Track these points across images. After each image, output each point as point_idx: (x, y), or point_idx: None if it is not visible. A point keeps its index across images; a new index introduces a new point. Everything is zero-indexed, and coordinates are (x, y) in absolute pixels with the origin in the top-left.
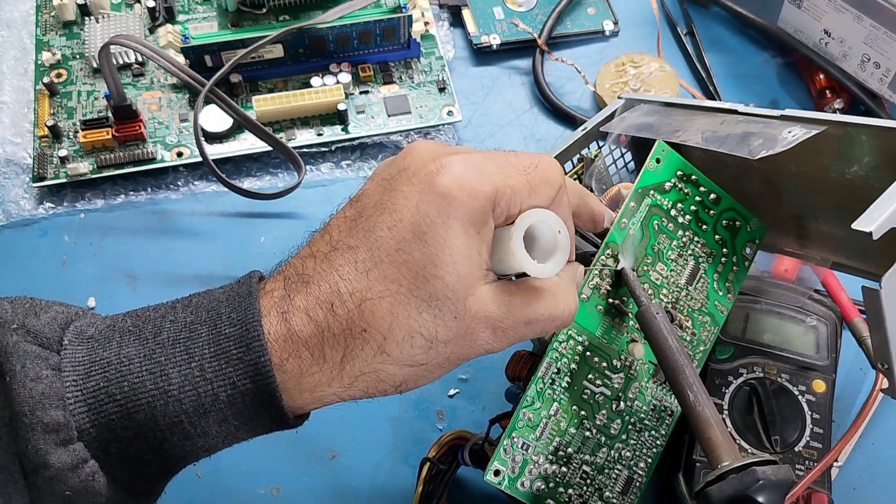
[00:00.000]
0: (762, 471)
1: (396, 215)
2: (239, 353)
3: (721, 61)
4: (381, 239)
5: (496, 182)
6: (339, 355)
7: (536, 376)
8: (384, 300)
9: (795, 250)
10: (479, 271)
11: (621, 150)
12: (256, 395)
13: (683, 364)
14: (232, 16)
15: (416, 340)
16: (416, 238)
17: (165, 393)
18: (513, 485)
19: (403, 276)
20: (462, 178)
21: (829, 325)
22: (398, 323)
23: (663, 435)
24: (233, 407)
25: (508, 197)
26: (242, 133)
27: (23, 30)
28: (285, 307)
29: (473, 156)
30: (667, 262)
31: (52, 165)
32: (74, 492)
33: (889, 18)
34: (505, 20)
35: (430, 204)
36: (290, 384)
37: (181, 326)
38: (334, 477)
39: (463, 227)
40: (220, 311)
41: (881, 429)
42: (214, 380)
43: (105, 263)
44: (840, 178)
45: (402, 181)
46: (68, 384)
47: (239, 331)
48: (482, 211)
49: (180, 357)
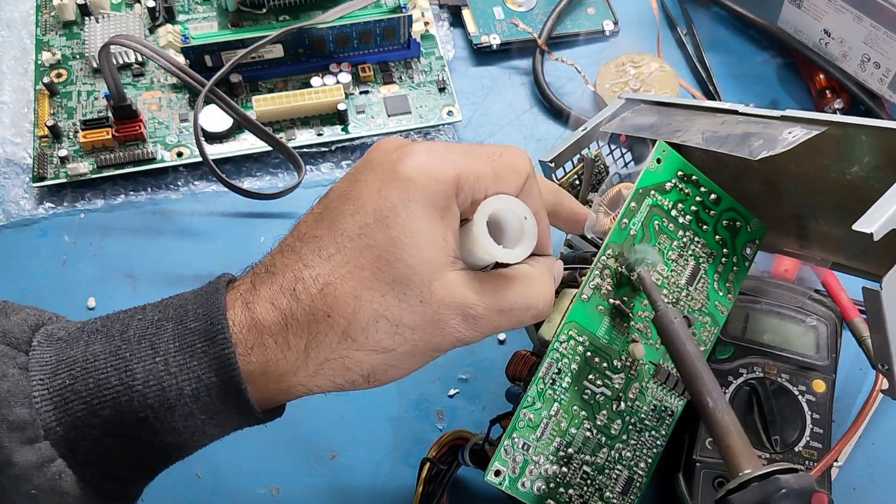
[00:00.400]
0: (785, 479)
1: (359, 202)
2: (203, 346)
3: (721, 61)
4: (344, 225)
5: (459, 167)
6: (302, 342)
7: (537, 376)
8: (347, 283)
9: (795, 250)
10: (444, 256)
11: (622, 150)
12: (221, 388)
13: (702, 370)
14: (232, 16)
15: (382, 325)
16: (377, 222)
17: (130, 388)
18: (513, 485)
19: (366, 259)
20: (424, 163)
21: (829, 325)
22: (362, 307)
23: (664, 435)
24: (198, 401)
25: (472, 182)
26: (242, 133)
27: (23, 30)
28: (250, 298)
29: (437, 145)
30: (667, 263)
31: (52, 165)
32: (41, 491)
33: (889, 18)
34: (505, 20)
35: (391, 189)
36: (256, 375)
37: (148, 324)
38: (334, 477)
39: (425, 210)
40: (188, 308)
41: (881, 429)
42: (179, 374)
43: (105, 263)
44: (840, 178)
45: (366, 171)
46: (35, 383)
47: (204, 325)
48: (445, 195)
49: (145, 352)
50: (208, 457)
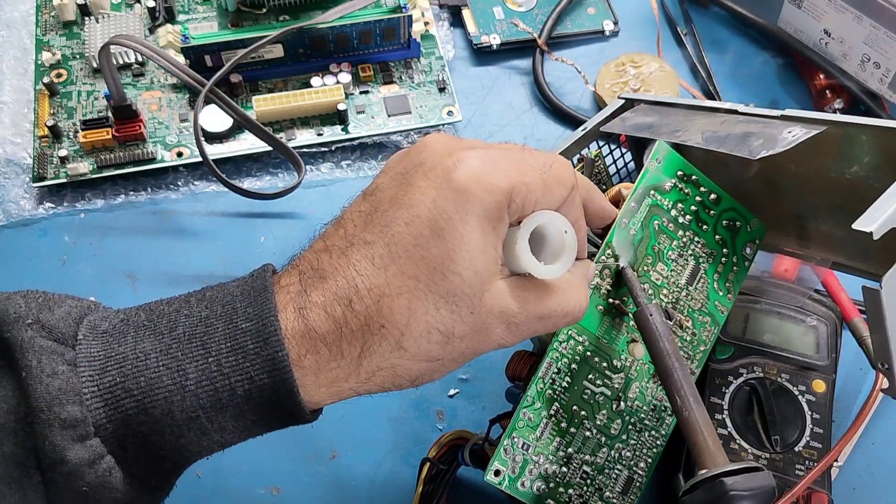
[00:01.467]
0: (732, 481)
1: (413, 210)
2: (256, 347)
3: (721, 61)
4: (399, 234)
5: (513, 178)
6: (356, 351)
7: (537, 376)
8: (402, 296)
9: (795, 250)
10: (494, 266)
11: (621, 150)
12: (274, 389)
13: (673, 367)
14: (232, 16)
15: (434, 336)
16: (433, 234)
17: (183, 388)
18: (513, 485)
19: (421, 271)
20: (479, 174)
21: (829, 325)
22: (416, 319)
23: (663, 435)
24: (250, 402)
25: (524, 194)
26: (242, 133)
27: (23, 30)
28: (302, 303)
29: (490, 151)
30: (667, 262)
31: (52, 165)
32: (91, 487)
33: (889, 18)
34: (505, 20)
35: (447, 199)
36: (308, 379)
37: (196, 321)
38: (334, 477)
39: (480, 222)
40: (236, 305)
41: (881, 429)
42: (231, 374)
43: (105, 263)
44: (840, 177)
45: (419, 176)
46: (84, 379)
47: (255, 325)
48: (498, 206)
49: (197, 352)
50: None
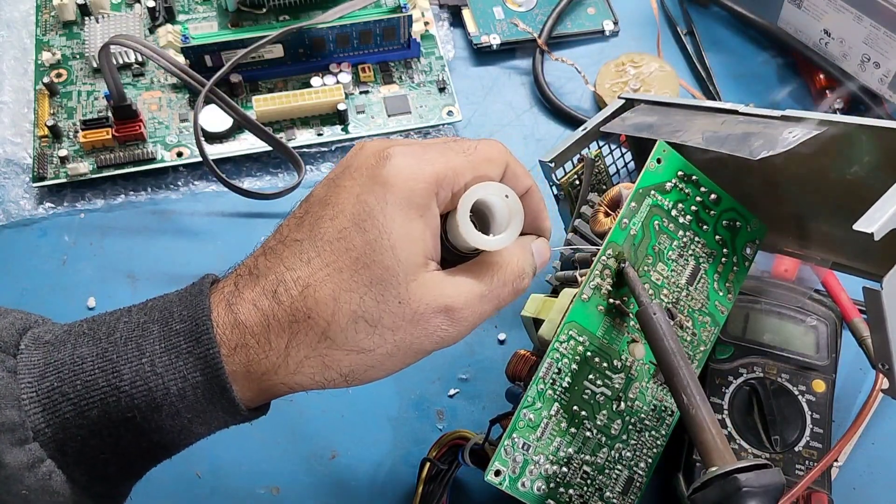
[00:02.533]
0: (745, 478)
1: (338, 207)
2: (189, 346)
3: (721, 61)
4: (324, 229)
5: (436, 165)
6: (283, 341)
7: (537, 376)
8: (326, 285)
9: (795, 250)
10: (421, 257)
11: (621, 150)
12: (207, 386)
13: (678, 366)
14: (232, 16)
15: (360, 326)
16: (355, 226)
17: (117, 389)
18: (513, 485)
19: (344, 262)
20: (401, 165)
21: (829, 325)
22: (340, 308)
23: (664, 435)
24: (184, 400)
25: (450, 178)
26: (242, 133)
27: (23, 30)
28: (233, 299)
29: (414, 146)
30: (667, 263)
31: (52, 165)
32: (31, 491)
33: (889, 18)
34: (505, 20)
35: (369, 193)
36: (239, 374)
37: (134, 326)
38: (334, 477)
39: (403, 211)
40: (172, 309)
41: (881, 429)
42: (165, 374)
43: (105, 263)
44: (840, 178)
45: (346, 177)
46: (23, 385)
47: (189, 326)
48: (423, 194)
49: (132, 354)
50: (208, 457)
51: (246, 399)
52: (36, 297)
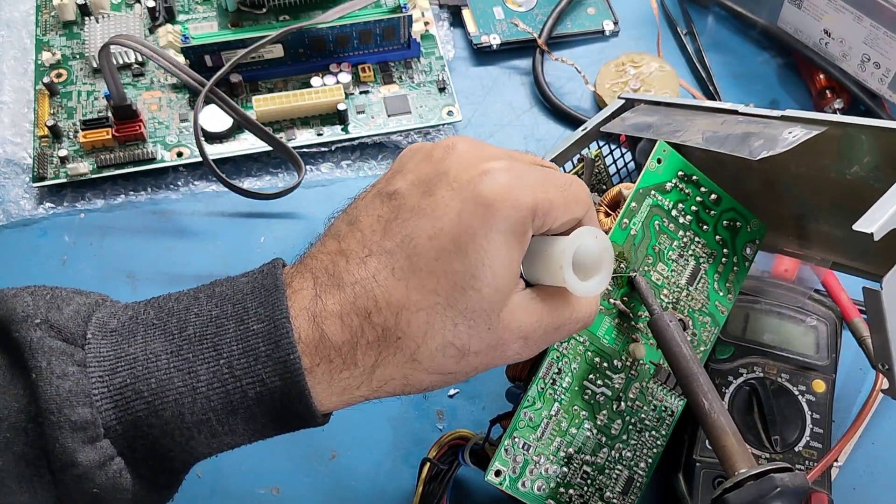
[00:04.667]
0: (780, 478)
1: (437, 224)
2: (268, 350)
3: (721, 61)
4: (421, 247)
5: (537, 195)
6: (371, 361)
7: (537, 376)
8: (422, 311)
9: (796, 250)
10: (514, 283)
11: (622, 150)
12: (285, 392)
13: (698, 373)
14: (232, 16)
15: (449, 351)
16: (456, 248)
17: (194, 390)
18: (514, 485)
19: (442, 286)
20: (505, 189)
21: (829, 325)
22: (433, 333)
23: (664, 435)
24: (261, 404)
25: (546, 210)
26: (242, 133)
27: (23, 30)
28: (317, 310)
29: (516, 165)
30: (667, 263)
31: (52, 165)
32: (102, 489)
33: (889, 18)
34: (505, 20)
35: (472, 214)
36: (320, 386)
37: (207, 321)
38: (334, 477)
39: (504, 238)
40: (247, 305)
41: (881, 429)
42: (243, 377)
43: (105, 263)
44: (840, 178)
45: (443, 185)
46: (94, 380)
47: (267, 327)
48: (523, 222)
49: (208, 353)
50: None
51: (322, 407)
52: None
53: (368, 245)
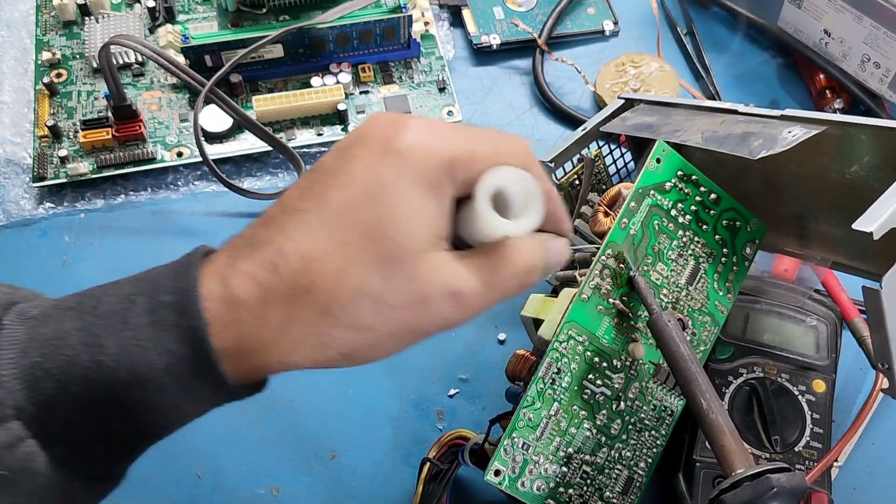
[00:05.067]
0: (777, 478)
1: (349, 177)
2: (175, 318)
3: (721, 61)
4: (332, 199)
5: (456, 146)
6: (280, 316)
7: (537, 376)
8: (331, 259)
9: (795, 250)
10: (433, 234)
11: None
12: (194, 360)
13: (696, 372)
14: (232, 16)
15: (364, 303)
16: (366, 197)
17: (100, 364)
18: (513, 485)
19: (352, 235)
20: (419, 138)
21: (829, 325)
22: (345, 283)
23: (663, 435)
24: (170, 375)
25: (466, 162)
26: (242, 133)
27: (23, 30)
28: (227, 272)
29: (434, 121)
30: (667, 262)
31: (52, 165)
32: (11, 471)
33: (889, 18)
34: (505, 20)
35: (383, 164)
36: (230, 349)
37: (120, 298)
38: (334, 477)
39: (416, 186)
40: (160, 280)
41: (881, 429)
42: (150, 347)
43: (105, 263)
44: (840, 177)
45: (358, 146)
46: (4, 362)
47: (176, 298)
48: (438, 171)
49: (116, 327)
50: (208, 457)
51: (238, 375)
52: None
53: (286, 210)
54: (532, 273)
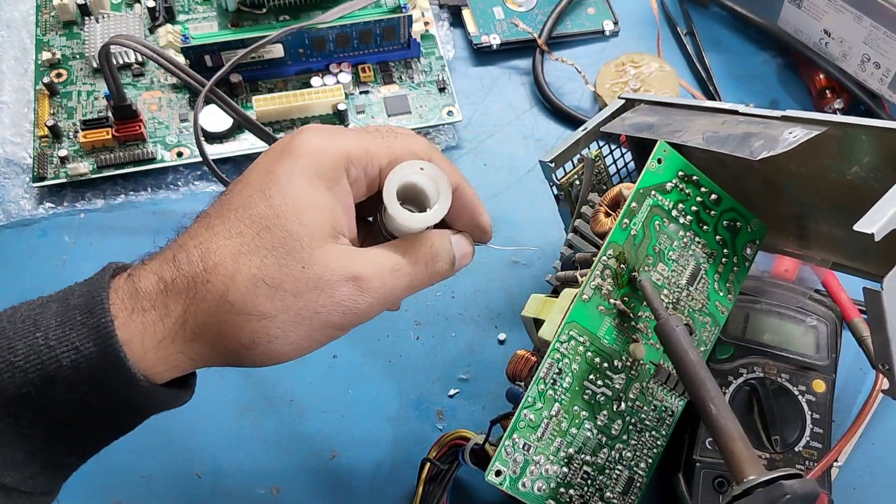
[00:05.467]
0: (790, 485)
1: (246, 180)
2: (83, 318)
3: (721, 61)
4: (230, 201)
5: (350, 144)
6: (180, 307)
7: (538, 377)
8: (226, 248)
9: (796, 251)
10: (328, 227)
11: (621, 150)
12: (101, 356)
13: (705, 377)
14: (232, 16)
15: (260, 288)
16: (260, 193)
17: (11, 365)
18: (514, 485)
19: (247, 227)
20: (311, 139)
21: (829, 325)
22: (240, 270)
23: (664, 435)
24: (79, 372)
25: (363, 158)
26: (242, 133)
27: (23, 30)
28: (134, 272)
29: (330, 127)
30: (668, 263)
31: (52, 165)
32: None
33: (889, 18)
34: (505, 20)
35: (276, 162)
36: (134, 341)
37: (35, 305)
38: (334, 477)
39: (309, 180)
40: (74, 288)
41: (881, 429)
42: (57, 346)
43: (105, 263)
44: (840, 178)
45: (261, 156)
46: None
47: (85, 300)
48: (332, 166)
49: (27, 329)
50: (208, 457)
51: (146, 369)
52: (36, 297)
53: (197, 218)
54: (438, 260)
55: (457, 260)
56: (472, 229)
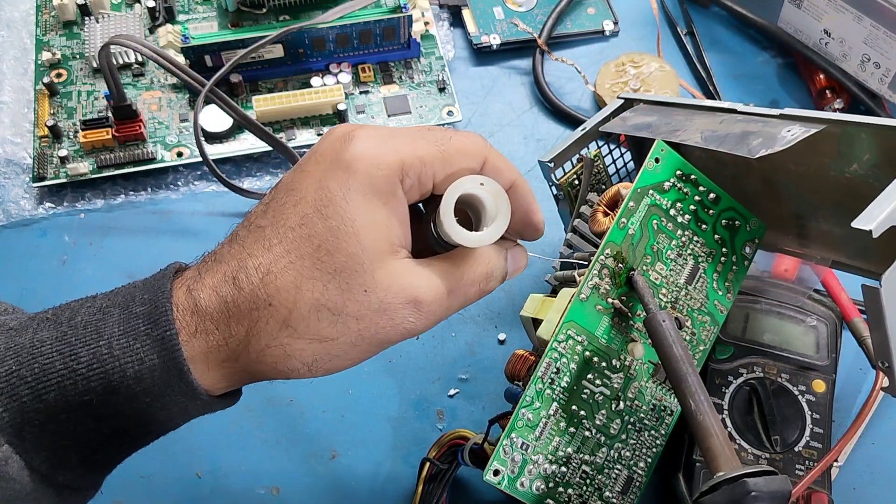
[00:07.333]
0: (754, 482)
1: (300, 193)
2: (146, 328)
3: (721, 61)
4: (286, 216)
5: (403, 153)
6: (243, 329)
7: (536, 376)
8: (288, 273)
9: (795, 249)
10: (387, 244)
11: (621, 150)
12: (164, 368)
13: (687, 372)
14: (232, 16)
15: (322, 314)
16: (316, 212)
17: (74, 372)
18: (512, 485)
19: (306, 249)
20: (364, 150)
21: (829, 325)
22: (302, 296)
23: (663, 435)
24: (141, 382)
25: (417, 168)
26: (242, 133)
27: (23, 30)
28: (194, 285)
29: (382, 129)
30: (666, 262)
31: (52, 165)
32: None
33: (889, 18)
34: (505, 20)
35: (331, 178)
36: (198, 359)
37: (96, 310)
38: (334, 477)
39: (365, 198)
40: (135, 294)
41: (881, 429)
42: (122, 356)
43: (105, 263)
44: (839, 176)
45: (311, 162)
46: None
47: (148, 309)
48: (387, 181)
49: (90, 337)
50: (208, 457)
51: (207, 385)
52: (36, 297)
53: (248, 227)
54: (492, 280)
55: (509, 274)
56: (524, 226)
